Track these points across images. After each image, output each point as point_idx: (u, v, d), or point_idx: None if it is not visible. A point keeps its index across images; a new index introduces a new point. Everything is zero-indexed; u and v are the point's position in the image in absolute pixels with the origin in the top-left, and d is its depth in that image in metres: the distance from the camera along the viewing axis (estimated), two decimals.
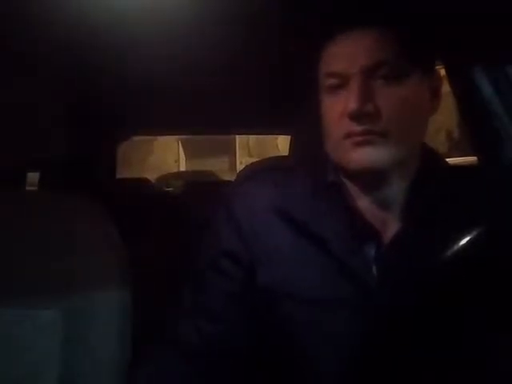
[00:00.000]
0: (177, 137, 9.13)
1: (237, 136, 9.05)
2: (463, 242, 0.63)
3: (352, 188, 0.72)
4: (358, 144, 0.66)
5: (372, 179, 0.70)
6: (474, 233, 0.63)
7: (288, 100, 1.57)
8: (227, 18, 0.87)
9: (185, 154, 10.24)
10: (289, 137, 2.35)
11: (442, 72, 0.91)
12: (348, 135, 0.67)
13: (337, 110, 0.68)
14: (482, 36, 0.91)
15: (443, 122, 6.21)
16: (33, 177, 1.65)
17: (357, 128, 0.66)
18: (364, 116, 0.65)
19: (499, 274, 0.65)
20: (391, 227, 0.70)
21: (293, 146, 2.22)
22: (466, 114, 1.34)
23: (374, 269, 0.68)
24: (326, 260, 0.69)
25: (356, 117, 0.65)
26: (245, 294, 0.72)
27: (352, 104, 0.65)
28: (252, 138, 9.32)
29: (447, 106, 0.77)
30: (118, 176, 2.42)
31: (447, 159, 0.81)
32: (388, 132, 0.66)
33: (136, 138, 3.79)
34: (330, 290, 0.69)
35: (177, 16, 0.88)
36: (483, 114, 1.27)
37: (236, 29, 0.93)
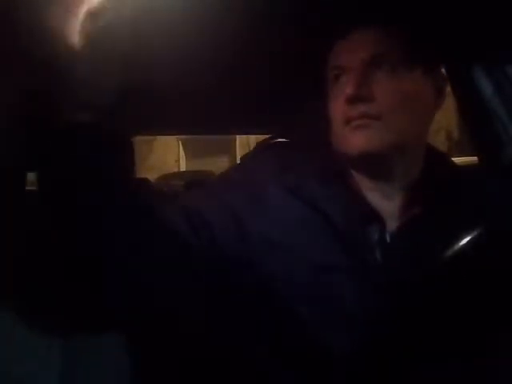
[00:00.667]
0: (177, 137, 9.13)
1: (237, 136, 9.06)
2: (464, 240, 0.63)
3: (357, 176, 0.75)
4: (356, 128, 0.70)
5: (372, 166, 0.72)
6: (475, 232, 0.63)
7: (288, 100, 1.57)
8: (227, 18, 0.87)
9: (185, 153, 10.24)
10: None
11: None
12: (347, 120, 0.71)
13: (339, 99, 0.72)
14: (481, 36, 0.91)
15: (443, 122, 6.22)
16: (33, 177, 1.65)
17: (353, 112, 0.70)
18: (359, 100, 0.69)
19: (500, 273, 0.65)
20: (393, 220, 0.72)
21: None
22: (465, 114, 1.35)
23: (378, 252, 0.70)
24: (330, 235, 0.70)
25: (352, 100, 0.69)
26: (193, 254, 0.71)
27: (348, 89, 0.69)
28: (252, 137, 9.31)
29: (447, 106, 0.78)
30: None
31: None
32: (382, 115, 0.69)
33: (136, 138, 3.79)
34: (332, 259, 0.70)
35: (177, 16, 0.88)
36: (483, 114, 1.27)
37: (236, 29, 0.93)
